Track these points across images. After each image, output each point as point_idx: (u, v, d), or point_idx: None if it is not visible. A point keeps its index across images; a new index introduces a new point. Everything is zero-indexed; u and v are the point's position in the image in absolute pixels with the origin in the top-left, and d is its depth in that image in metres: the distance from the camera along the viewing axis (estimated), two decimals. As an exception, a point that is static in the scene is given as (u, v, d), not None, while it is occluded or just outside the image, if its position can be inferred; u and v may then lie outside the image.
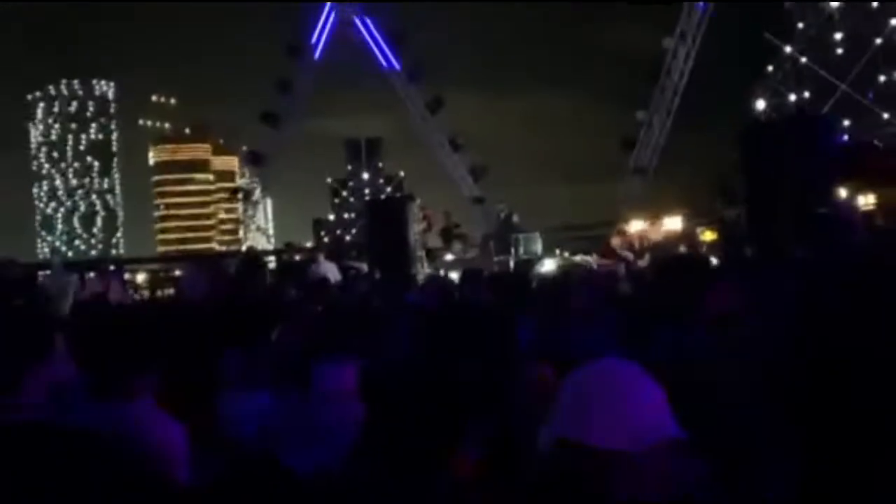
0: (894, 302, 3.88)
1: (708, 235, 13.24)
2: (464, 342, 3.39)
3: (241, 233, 36.66)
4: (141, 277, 24.67)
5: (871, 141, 15.58)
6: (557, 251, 17.07)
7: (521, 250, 16.37)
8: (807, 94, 20.58)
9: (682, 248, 13.50)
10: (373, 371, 2.90)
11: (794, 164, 10.61)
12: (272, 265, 21.24)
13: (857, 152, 13.27)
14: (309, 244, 24.50)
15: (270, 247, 32.61)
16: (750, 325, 3.49)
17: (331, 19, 29.38)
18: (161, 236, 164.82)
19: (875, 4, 20.19)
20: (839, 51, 20.71)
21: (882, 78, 20.20)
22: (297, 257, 19.25)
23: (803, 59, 20.90)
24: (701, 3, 22.87)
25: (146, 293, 20.44)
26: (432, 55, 30.29)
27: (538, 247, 16.58)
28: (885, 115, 19.45)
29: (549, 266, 15.72)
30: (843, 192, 11.33)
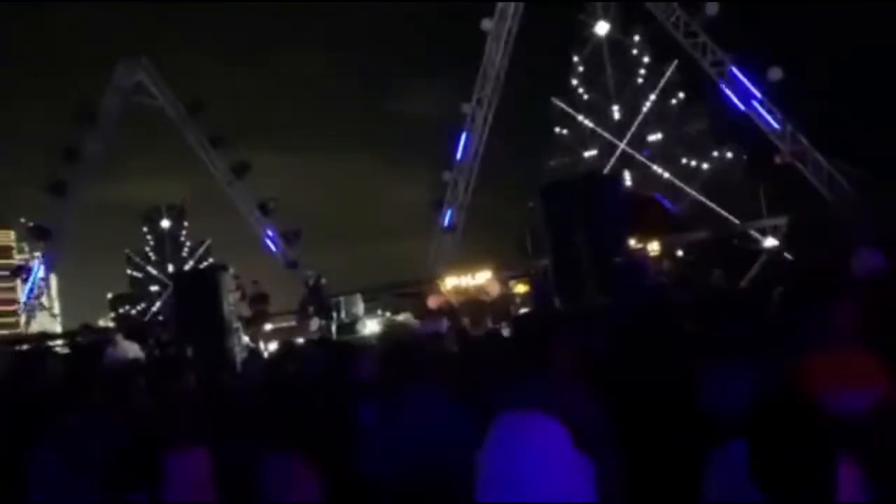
0: (668, 336, 4.41)
1: (520, 288, 13.99)
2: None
3: (23, 316, 32.96)
4: None
5: (651, 194, 17.43)
6: (379, 311, 17.16)
7: (343, 313, 16.26)
8: (594, 153, 22.68)
9: (494, 301, 14.16)
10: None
11: (588, 219, 11.61)
12: (64, 350, 19.29)
13: (641, 205, 14.81)
14: (108, 323, 22.57)
15: (59, 329, 29.68)
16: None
17: (124, 83, 27.94)
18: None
19: (640, 78, 22.83)
20: (616, 115, 23.06)
21: (651, 137, 22.70)
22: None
23: (588, 123, 23.06)
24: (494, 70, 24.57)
25: None
26: (234, 118, 29.69)
27: (360, 308, 16.57)
28: (659, 170, 21.88)
29: (371, 327, 15.76)
30: (632, 242, 12.52)
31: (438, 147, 27.21)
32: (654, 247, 14.32)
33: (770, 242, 17.15)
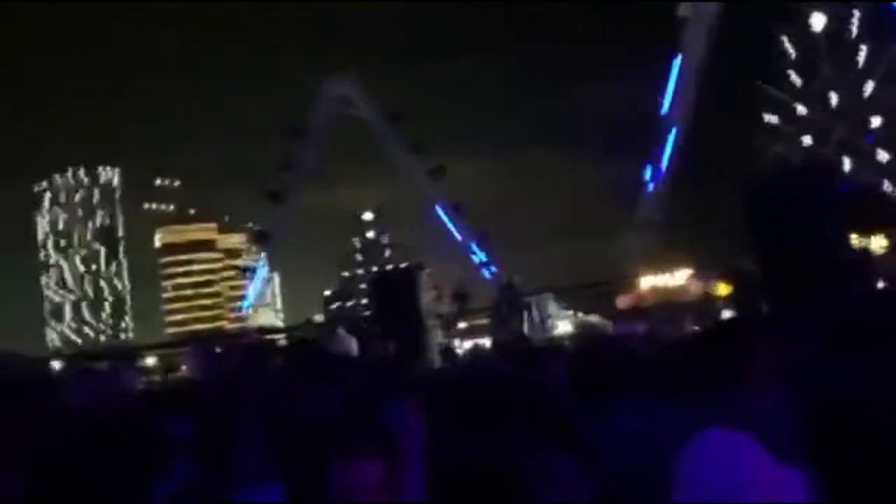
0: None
1: (723, 289, 13.17)
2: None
3: (249, 311, 36.60)
4: (151, 361, 24.60)
5: (874, 184, 15.65)
6: (571, 311, 17.02)
7: (535, 312, 16.32)
8: (809, 141, 20.84)
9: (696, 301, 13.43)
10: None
11: (800, 215, 10.61)
12: (283, 342, 21.11)
13: (862, 198, 13.32)
14: (321, 318, 24.43)
15: (280, 323, 32.57)
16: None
17: (332, 96, 30.09)
18: (170, 318, 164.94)
19: (862, 53, 20.64)
20: (834, 100, 21.08)
21: (876, 122, 20.46)
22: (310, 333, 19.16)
23: (802, 108, 21.25)
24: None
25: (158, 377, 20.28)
26: (428, 124, 30.89)
27: (552, 308, 16.54)
28: (886, 157, 19.64)
29: (563, 327, 15.66)
30: (854, 238, 11.32)
31: (636, 142, 26.40)
32: (879, 243, 12.84)
33: None
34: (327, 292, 30.08)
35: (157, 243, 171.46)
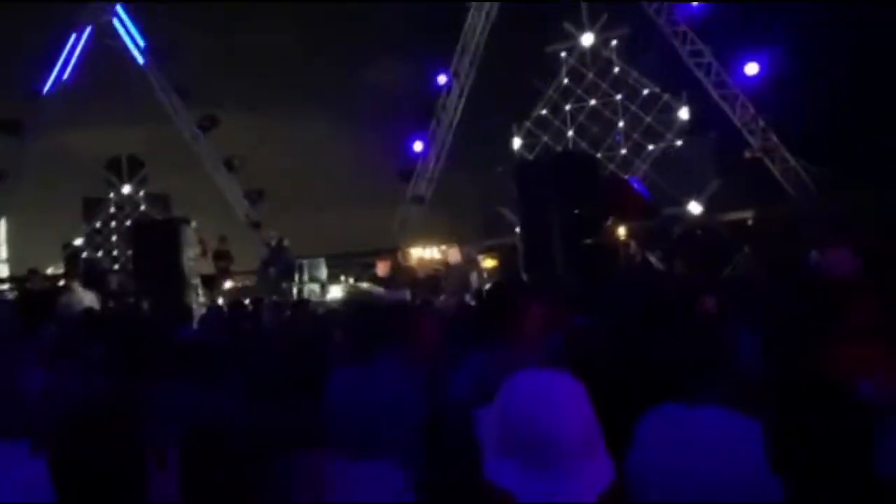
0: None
1: (489, 262, 13.94)
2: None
3: (-31, 257, 31.85)
4: None
5: (623, 177, 17.42)
6: (343, 277, 16.96)
7: (306, 276, 16.03)
8: (570, 134, 22.58)
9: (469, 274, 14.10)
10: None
11: (562, 197, 11.54)
12: (10, 295, 18.71)
13: (616, 188, 14.83)
14: (59, 269, 21.93)
15: (4, 273, 28.85)
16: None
17: (91, 23, 26.92)
18: None
19: (616, 66, 22.83)
20: (592, 101, 23.00)
21: (621, 123, 22.71)
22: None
23: (567, 106, 22.96)
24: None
25: None
26: (201, 73, 28.88)
27: (323, 273, 16.35)
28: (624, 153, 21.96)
29: (334, 293, 15.57)
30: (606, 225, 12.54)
31: (409, 117, 26.87)
32: (622, 231, 14.37)
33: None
34: (76, 243, 27.01)
35: None
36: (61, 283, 16.47)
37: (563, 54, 23.42)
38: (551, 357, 3.25)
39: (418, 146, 25.55)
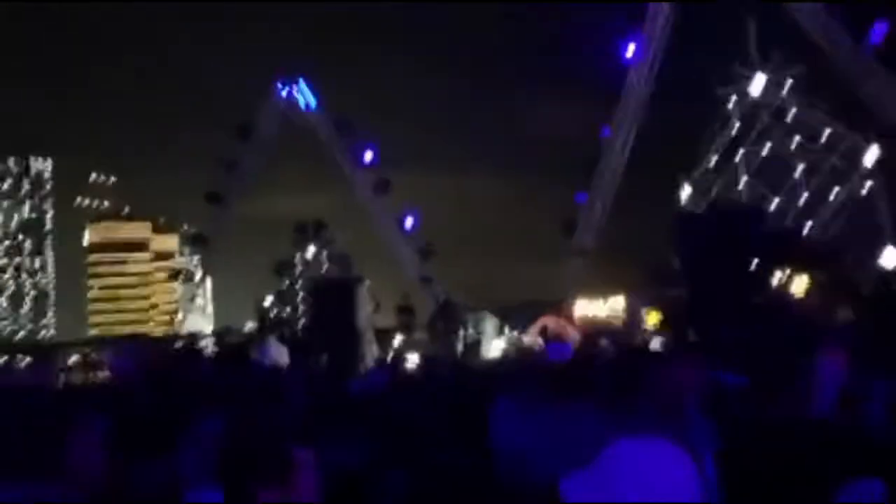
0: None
1: (653, 317, 13.63)
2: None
3: (179, 315, 35.74)
4: (73, 360, 23.75)
5: (796, 227, 16.45)
6: (506, 330, 17.25)
7: (472, 330, 16.51)
8: (743, 180, 21.72)
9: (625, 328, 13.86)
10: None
11: (729, 250, 11.12)
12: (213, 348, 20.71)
13: (785, 239, 14.01)
14: (252, 326, 24.06)
15: (210, 329, 31.90)
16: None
17: (280, 101, 29.83)
18: (95, 318, 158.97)
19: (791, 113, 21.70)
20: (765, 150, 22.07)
21: (798, 171, 21.43)
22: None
23: (738, 153, 22.19)
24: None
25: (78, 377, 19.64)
26: (377, 137, 30.87)
27: (489, 326, 16.75)
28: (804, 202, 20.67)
29: (497, 346, 15.89)
30: (776, 278, 11.89)
31: (573, 171, 27.00)
32: (802, 282, 13.50)
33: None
34: (267, 300, 29.62)
35: (87, 240, 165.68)
36: (255, 337, 18.14)
37: (733, 98, 22.67)
38: (679, 418, 3.29)
39: (582, 198, 25.61)
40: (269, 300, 28.64)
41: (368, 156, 29.18)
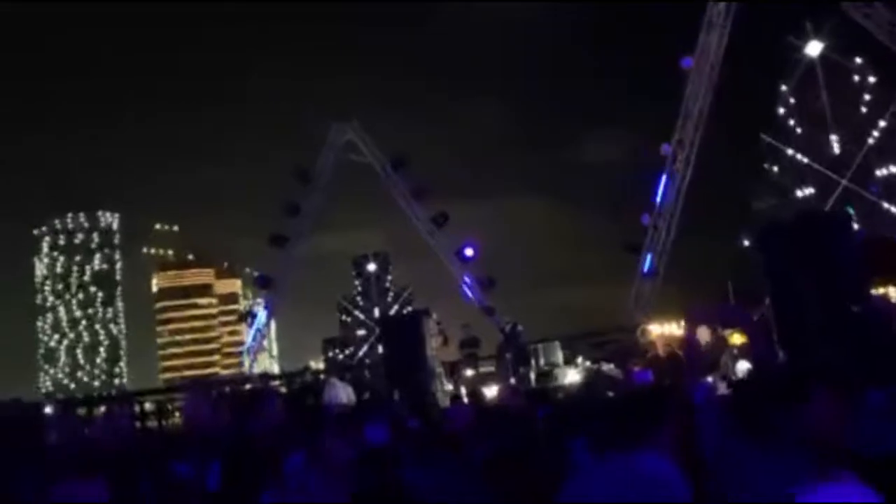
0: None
1: (736, 338, 12.93)
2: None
3: (247, 358, 36.17)
4: (148, 406, 24.08)
5: (886, 235, 15.54)
6: (579, 359, 16.70)
7: (542, 361, 16.04)
8: (811, 191, 20.84)
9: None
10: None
11: (817, 262, 10.42)
12: (282, 389, 20.65)
13: (878, 245, 13.17)
14: (320, 364, 24.08)
15: (276, 369, 32.10)
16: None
17: (336, 143, 30.18)
18: (165, 363, 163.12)
19: (864, 106, 20.80)
20: (836, 148, 21.14)
21: (881, 172, 20.47)
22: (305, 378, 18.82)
23: (803, 159, 21.31)
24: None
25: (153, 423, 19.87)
26: (432, 170, 30.94)
27: (558, 356, 16.27)
28: (893, 209, 19.59)
29: (571, 376, 15.36)
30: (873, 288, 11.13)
31: (637, 192, 26.41)
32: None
33: None
34: (325, 338, 29.84)
35: (155, 288, 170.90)
36: (322, 377, 18.07)
37: (783, 88, 21.74)
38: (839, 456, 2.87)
39: (645, 219, 24.91)
40: (331, 336, 28.75)
41: (424, 191, 29.16)
